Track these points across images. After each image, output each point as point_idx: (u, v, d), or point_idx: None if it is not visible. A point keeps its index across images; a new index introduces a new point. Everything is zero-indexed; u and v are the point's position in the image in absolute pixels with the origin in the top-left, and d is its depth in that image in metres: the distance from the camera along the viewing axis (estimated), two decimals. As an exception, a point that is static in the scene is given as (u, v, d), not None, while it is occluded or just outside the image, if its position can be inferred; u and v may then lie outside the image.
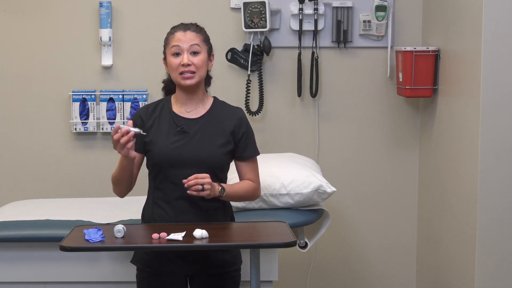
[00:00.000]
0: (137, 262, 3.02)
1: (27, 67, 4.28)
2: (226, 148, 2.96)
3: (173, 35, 2.97)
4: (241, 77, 4.25)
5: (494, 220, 3.37)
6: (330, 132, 4.33)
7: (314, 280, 4.40)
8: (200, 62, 2.94)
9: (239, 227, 2.97)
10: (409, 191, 4.37)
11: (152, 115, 3.00)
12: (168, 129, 2.95)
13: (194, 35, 2.95)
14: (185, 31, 2.96)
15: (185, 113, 3.00)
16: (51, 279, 3.31)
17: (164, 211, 2.95)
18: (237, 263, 3.02)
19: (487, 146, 3.35)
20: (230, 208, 3.07)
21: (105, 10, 4.19)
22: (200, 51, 2.94)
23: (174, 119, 2.98)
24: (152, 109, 3.02)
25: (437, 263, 4.00)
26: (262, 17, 4.13)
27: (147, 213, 3.01)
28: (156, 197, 2.98)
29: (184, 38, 2.94)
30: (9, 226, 3.35)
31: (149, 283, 2.99)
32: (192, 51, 2.93)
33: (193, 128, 2.96)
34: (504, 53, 3.31)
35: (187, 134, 2.94)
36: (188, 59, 2.92)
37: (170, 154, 2.92)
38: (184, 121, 2.97)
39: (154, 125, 2.98)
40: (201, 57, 2.95)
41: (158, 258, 2.94)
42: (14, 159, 4.33)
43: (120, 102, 4.24)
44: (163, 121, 2.98)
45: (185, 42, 2.93)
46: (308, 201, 3.43)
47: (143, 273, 3.00)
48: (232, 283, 3.01)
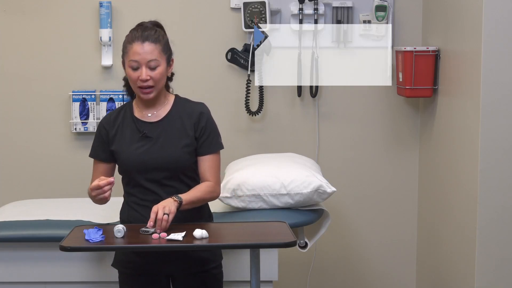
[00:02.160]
0: (116, 265, 3.03)
1: (27, 67, 4.28)
2: (190, 147, 2.95)
3: (131, 46, 2.90)
4: (241, 77, 4.26)
5: (494, 220, 3.37)
6: (330, 132, 4.33)
7: (314, 280, 4.40)
8: (159, 76, 2.90)
9: (239, 227, 2.97)
10: (409, 191, 4.37)
11: (115, 123, 2.99)
12: (131, 136, 2.95)
13: (152, 48, 2.88)
14: (143, 43, 2.88)
15: (147, 117, 2.98)
16: (51, 279, 3.31)
17: (139, 214, 2.96)
18: (216, 260, 3.01)
19: (487, 146, 3.35)
20: (206, 208, 3.06)
21: (105, 10, 4.19)
22: (158, 64, 2.90)
23: (136, 124, 2.97)
24: (114, 116, 3.01)
25: (437, 263, 4.00)
26: (262, 17, 4.13)
27: (124, 215, 3.04)
28: (130, 201, 3.00)
29: (142, 51, 2.87)
30: (9, 226, 3.35)
31: (131, 284, 2.99)
32: (150, 66, 2.88)
33: (155, 131, 2.95)
34: (504, 53, 3.30)
35: (150, 138, 2.94)
36: (146, 75, 2.88)
37: (136, 160, 2.92)
38: (146, 125, 2.96)
39: (118, 133, 2.98)
40: (160, 70, 2.90)
41: (138, 259, 2.94)
42: (14, 159, 4.33)
43: (120, 102, 4.24)
44: (126, 128, 2.97)
45: (143, 56, 2.87)
46: (308, 201, 3.43)
47: (123, 275, 3.01)
48: (214, 281, 3.01)
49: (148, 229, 2.76)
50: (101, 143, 3.00)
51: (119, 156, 2.96)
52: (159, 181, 2.93)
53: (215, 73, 4.28)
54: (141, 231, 2.77)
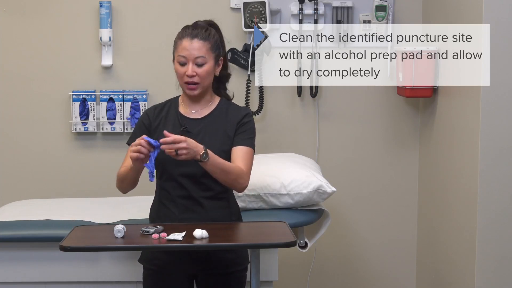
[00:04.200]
0: (142, 261, 3.04)
1: (27, 67, 4.28)
2: (228, 146, 2.98)
3: (181, 42, 2.96)
4: (241, 77, 4.25)
5: (494, 220, 3.37)
6: (330, 132, 4.33)
7: (314, 280, 4.40)
8: (205, 73, 2.95)
9: (239, 227, 2.97)
10: (409, 191, 4.37)
11: (159, 115, 3.03)
12: (173, 129, 2.96)
13: (200, 45, 2.94)
14: (192, 39, 2.94)
15: (190, 114, 3.02)
16: (51, 279, 3.31)
17: (169, 210, 2.97)
18: (242, 263, 3.02)
19: (487, 146, 3.35)
20: (236, 208, 3.07)
21: (105, 10, 4.18)
22: (205, 61, 2.95)
23: (179, 119, 3.01)
24: (159, 109, 3.06)
25: (437, 263, 4.00)
26: (262, 17, 4.13)
27: (154, 212, 3.04)
28: (162, 196, 3.00)
29: (190, 47, 2.93)
30: (9, 226, 3.35)
31: (154, 281, 3.00)
32: (197, 63, 2.93)
33: (196, 128, 2.98)
34: (504, 53, 3.31)
35: (190, 134, 2.95)
36: (192, 71, 2.93)
37: None
38: (188, 121, 3.00)
39: (160, 125, 3.01)
40: (206, 68, 2.95)
41: (163, 257, 2.96)
42: (14, 159, 4.33)
43: (120, 102, 4.24)
44: (169, 121, 3.01)
45: (191, 52, 2.93)
46: (308, 201, 3.43)
47: (148, 271, 3.02)
48: (238, 283, 3.01)
49: (148, 229, 2.76)
50: (141, 131, 3.00)
51: None
52: (192, 176, 2.92)
53: (215, 73, 4.28)
54: (142, 231, 2.77)
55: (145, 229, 2.77)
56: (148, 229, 2.76)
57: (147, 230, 2.76)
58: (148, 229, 2.76)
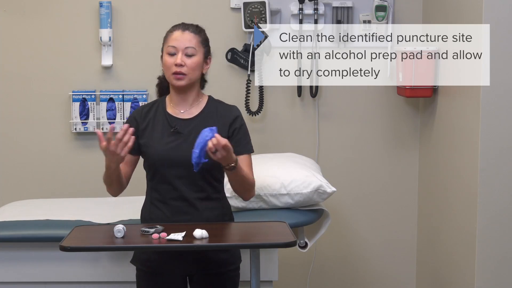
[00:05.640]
0: (136, 262, 3.03)
1: (27, 67, 4.28)
2: None
3: (172, 34, 2.98)
4: (241, 77, 4.25)
5: (494, 220, 3.37)
6: (330, 132, 4.33)
7: (314, 280, 4.40)
8: (193, 65, 2.94)
9: (239, 227, 2.97)
10: (409, 191, 4.37)
11: (147, 117, 3.01)
12: (162, 130, 2.96)
13: (191, 36, 2.96)
14: (184, 31, 2.96)
15: (179, 114, 3.00)
16: (51, 279, 3.31)
17: (161, 212, 2.96)
18: (235, 262, 3.02)
19: (487, 146, 3.35)
20: (228, 208, 3.06)
21: (105, 10, 4.19)
22: (195, 53, 2.95)
23: (168, 120, 2.98)
24: (146, 110, 3.03)
25: (437, 263, 4.00)
26: (262, 17, 4.13)
27: (145, 214, 3.03)
28: (153, 197, 2.99)
29: (181, 38, 2.95)
30: (9, 226, 3.35)
31: (148, 282, 2.99)
32: (187, 53, 2.94)
33: (186, 128, 2.97)
34: (504, 53, 3.31)
35: (181, 134, 2.95)
36: (181, 60, 2.92)
37: (165, 155, 2.93)
38: (177, 121, 2.98)
39: (148, 126, 2.99)
40: (195, 59, 2.95)
41: (156, 257, 2.95)
42: (14, 159, 4.33)
43: (120, 102, 4.24)
44: (158, 122, 2.99)
45: (181, 42, 2.94)
46: (308, 201, 3.43)
47: (141, 272, 3.01)
48: (232, 283, 3.01)
49: (148, 229, 2.76)
50: None
51: (147, 150, 2.96)
52: (185, 178, 2.91)
53: (215, 73, 4.27)
54: (142, 231, 2.77)
55: (145, 229, 2.77)
56: (148, 229, 2.76)
57: (147, 230, 2.76)
58: (148, 229, 2.76)
